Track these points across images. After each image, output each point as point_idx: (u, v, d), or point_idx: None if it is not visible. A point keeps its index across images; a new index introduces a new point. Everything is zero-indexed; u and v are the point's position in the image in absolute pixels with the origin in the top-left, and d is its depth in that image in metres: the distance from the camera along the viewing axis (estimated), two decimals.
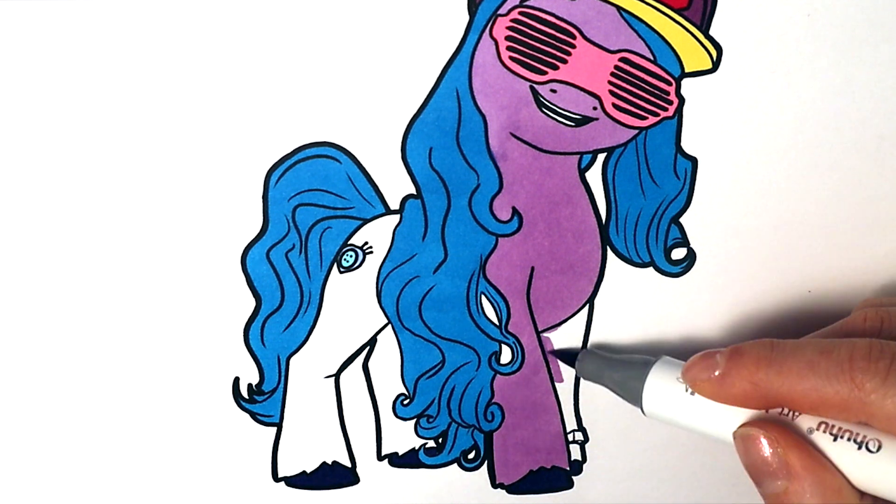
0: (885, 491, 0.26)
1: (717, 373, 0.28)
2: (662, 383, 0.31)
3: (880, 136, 0.34)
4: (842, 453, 0.27)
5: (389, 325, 0.34)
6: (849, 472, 0.26)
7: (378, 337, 0.34)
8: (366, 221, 0.33)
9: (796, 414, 0.28)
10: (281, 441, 0.34)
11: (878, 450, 0.26)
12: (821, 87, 0.33)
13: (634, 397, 0.31)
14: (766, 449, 0.27)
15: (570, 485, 0.36)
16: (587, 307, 0.35)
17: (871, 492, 0.26)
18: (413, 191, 0.32)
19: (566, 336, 0.35)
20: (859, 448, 0.26)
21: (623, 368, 0.32)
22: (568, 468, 0.36)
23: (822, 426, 0.27)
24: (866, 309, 0.30)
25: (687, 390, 0.30)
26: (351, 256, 0.33)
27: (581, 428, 0.36)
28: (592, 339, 0.35)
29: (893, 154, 0.34)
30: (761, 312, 0.35)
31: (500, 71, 0.32)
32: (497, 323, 0.34)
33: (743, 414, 0.29)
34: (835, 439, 0.27)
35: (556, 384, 0.35)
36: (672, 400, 0.30)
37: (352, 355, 0.34)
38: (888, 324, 0.29)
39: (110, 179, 0.31)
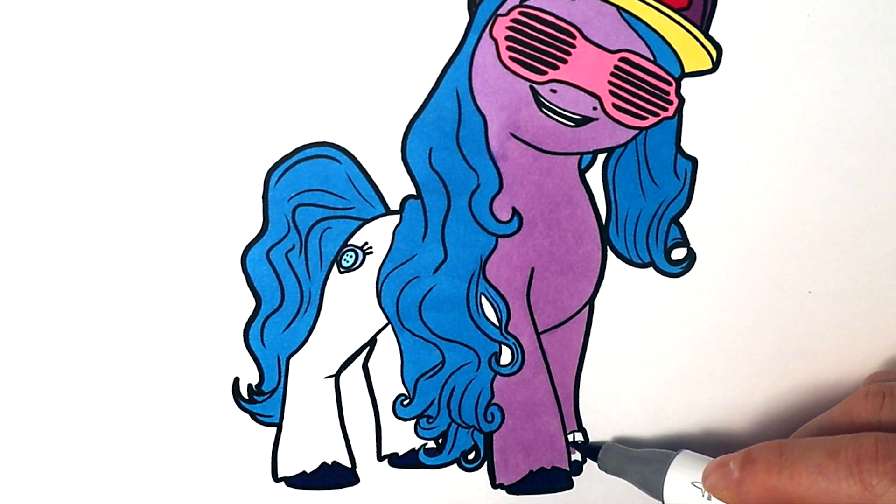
0: None
1: (733, 479, 0.29)
2: (681, 483, 0.32)
3: (880, 136, 0.34)
4: None
5: (389, 326, 0.34)
6: None
7: (378, 337, 0.34)
8: (366, 222, 0.33)
9: None
10: (281, 441, 0.34)
11: None
12: (821, 87, 0.33)
13: (656, 494, 0.32)
14: None
15: (570, 485, 0.36)
16: (587, 307, 0.35)
17: None
18: (413, 191, 0.32)
19: (566, 336, 0.35)
20: None
21: (643, 464, 0.33)
22: (568, 468, 0.36)
23: None
24: (870, 385, 0.30)
25: (704, 496, 0.31)
26: (351, 257, 0.33)
27: (581, 428, 0.36)
28: (592, 339, 0.35)
29: (893, 154, 0.34)
30: (761, 313, 0.35)
31: (500, 71, 0.32)
32: (497, 323, 0.34)
33: None
34: None
35: (557, 386, 0.35)
36: (690, 498, 0.31)
37: (352, 355, 0.34)
38: (890, 399, 0.29)
39: (110, 179, 0.31)
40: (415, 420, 0.35)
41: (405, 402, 0.35)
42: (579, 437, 0.36)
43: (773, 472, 0.28)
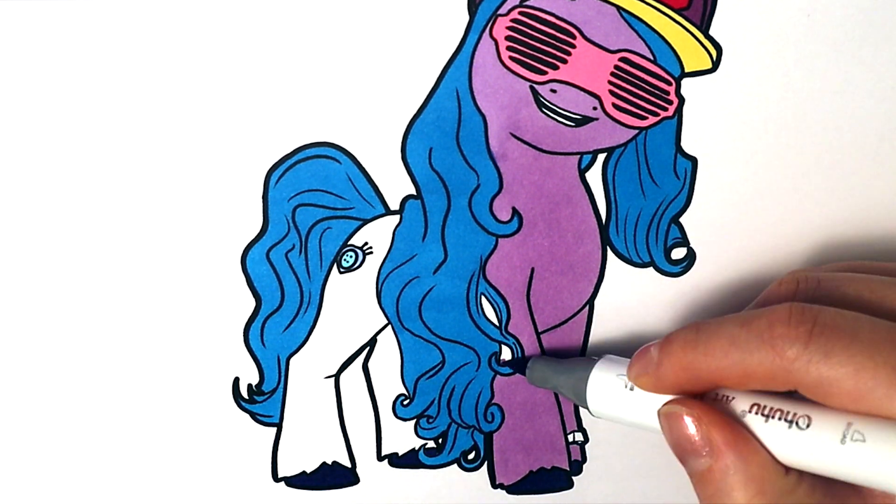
0: (812, 465, 0.25)
1: (653, 366, 0.28)
2: (604, 382, 0.31)
3: (880, 136, 0.34)
4: (773, 433, 0.26)
5: (389, 326, 0.34)
6: (780, 450, 0.26)
7: (378, 337, 0.34)
8: (366, 222, 0.33)
9: (730, 398, 0.27)
10: (281, 441, 0.34)
11: (808, 426, 0.25)
12: (821, 87, 0.33)
13: (582, 399, 0.32)
14: (689, 426, 0.27)
15: (570, 485, 0.36)
16: (587, 307, 0.35)
17: (799, 467, 0.26)
18: (413, 191, 0.32)
19: (566, 336, 0.35)
20: (790, 426, 0.26)
21: (569, 372, 0.32)
22: (568, 468, 0.36)
23: (755, 408, 0.27)
24: (783, 276, 0.29)
25: (626, 386, 0.30)
26: (351, 257, 0.33)
27: (581, 428, 0.36)
28: (592, 339, 0.35)
29: (893, 154, 0.34)
30: None
31: (500, 71, 0.32)
32: (497, 323, 0.34)
33: None
34: (766, 420, 0.26)
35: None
36: (614, 397, 0.30)
37: (352, 356, 0.34)
38: (804, 285, 0.28)
39: (110, 180, 0.31)
40: (415, 420, 0.35)
41: (405, 402, 0.35)
42: (579, 437, 0.36)
43: (689, 349, 0.27)
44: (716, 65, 0.32)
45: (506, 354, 0.34)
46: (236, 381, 0.33)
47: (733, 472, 0.26)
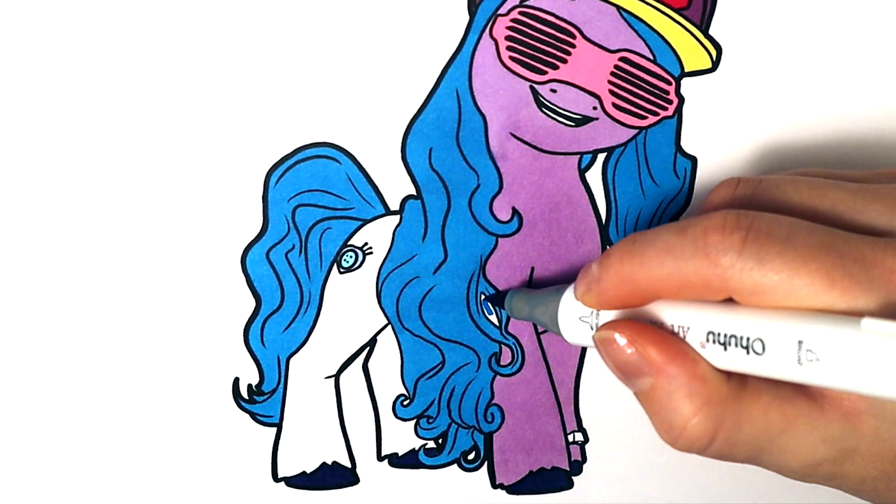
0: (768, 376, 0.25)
1: (594, 279, 0.27)
2: (574, 307, 0.29)
3: (880, 136, 0.34)
4: (732, 360, 0.25)
5: (389, 326, 0.34)
6: (728, 365, 0.25)
7: (378, 337, 0.34)
8: (366, 222, 0.33)
9: (686, 328, 0.26)
10: (281, 441, 0.34)
11: (764, 351, 0.24)
12: (821, 87, 0.33)
13: (556, 326, 0.30)
14: (624, 349, 0.26)
15: (570, 485, 0.36)
16: None
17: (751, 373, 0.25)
18: (413, 191, 0.32)
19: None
20: (747, 353, 0.24)
21: (545, 301, 0.31)
22: (568, 468, 0.36)
23: (710, 336, 0.25)
24: (724, 180, 0.28)
25: (592, 311, 0.29)
26: (351, 257, 0.33)
27: (581, 428, 0.36)
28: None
29: (893, 154, 0.34)
30: None
31: (500, 71, 0.32)
32: (497, 324, 0.34)
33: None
34: (725, 349, 0.25)
35: (556, 385, 0.35)
36: (582, 322, 0.29)
37: (352, 356, 0.34)
38: (742, 186, 0.28)
39: (110, 180, 0.31)
40: (415, 420, 0.35)
41: (405, 403, 0.35)
42: (579, 437, 0.36)
43: (626, 259, 0.26)
44: (716, 65, 0.32)
45: (506, 355, 0.34)
46: (236, 381, 0.33)
47: (676, 387, 0.25)
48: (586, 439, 0.36)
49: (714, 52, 0.32)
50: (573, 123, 0.32)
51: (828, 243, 0.23)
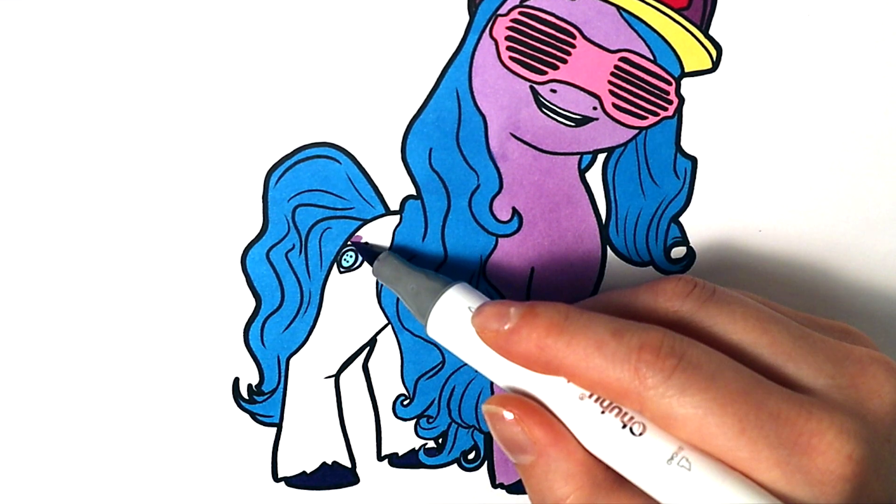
0: (636, 475, 0.26)
1: (506, 327, 0.27)
2: (454, 310, 0.29)
3: (880, 136, 0.34)
4: (605, 428, 0.26)
5: (389, 326, 0.34)
6: (606, 448, 0.26)
7: (378, 337, 0.34)
8: (366, 222, 0.33)
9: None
10: (281, 441, 0.34)
11: (642, 434, 0.25)
12: (821, 87, 0.33)
13: (422, 313, 0.30)
14: (511, 425, 0.27)
15: None
16: None
17: (622, 472, 0.26)
18: (413, 191, 0.32)
19: None
20: (623, 427, 0.26)
21: (420, 280, 0.30)
22: None
23: (596, 396, 0.26)
24: (682, 277, 0.29)
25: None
26: (351, 257, 0.33)
27: None
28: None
29: (893, 154, 0.34)
30: None
31: (500, 71, 0.32)
32: None
33: (520, 372, 0.28)
34: (602, 412, 0.26)
35: None
36: (457, 330, 0.29)
37: (352, 355, 0.34)
38: (700, 290, 0.28)
39: (110, 179, 0.31)
40: (415, 420, 0.35)
41: (405, 402, 0.35)
42: None
43: (553, 332, 0.26)
44: (716, 65, 0.32)
45: None
46: (236, 381, 0.33)
47: (554, 469, 0.26)
48: None
49: (714, 52, 0.32)
50: (573, 123, 0.32)
51: (749, 391, 0.24)
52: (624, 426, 0.26)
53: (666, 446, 0.25)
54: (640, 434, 0.25)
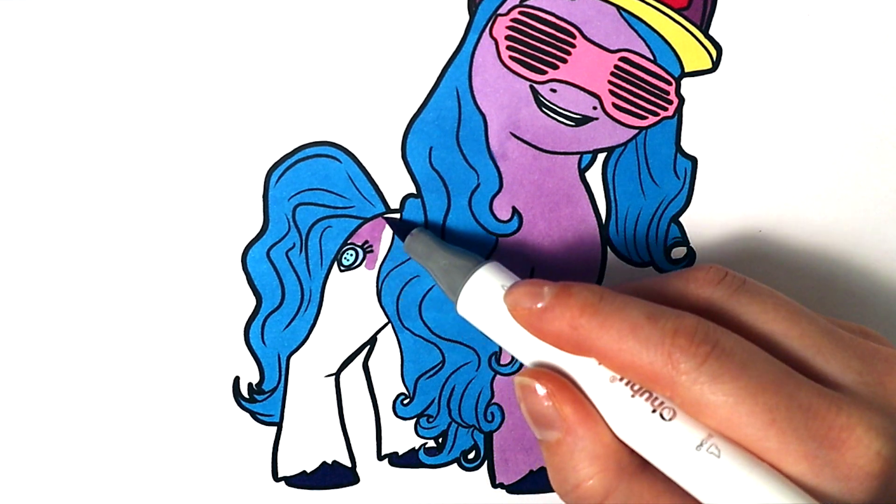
0: (663, 461, 0.25)
1: (539, 305, 0.27)
2: (485, 288, 0.29)
3: (880, 136, 0.34)
4: (635, 411, 0.26)
5: (389, 325, 0.34)
6: (635, 432, 0.26)
7: (378, 336, 0.34)
8: (366, 220, 0.33)
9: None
10: (281, 441, 0.34)
11: (671, 419, 0.25)
12: (821, 87, 0.33)
13: (453, 290, 0.29)
14: (543, 400, 0.27)
15: None
16: None
17: (648, 457, 0.26)
18: (413, 190, 0.32)
19: None
20: (653, 412, 0.25)
21: (452, 257, 0.30)
22: None
23: (627, 380, 0.26)
24: (713, 266, 0.29)
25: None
26: (351, 255, 0.33)
27: None
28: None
29: (893, 154, 0.34)
30: None
31: (500, 70, 0.32)
32: None
33: (550, 351, 0.27)
34: (632, 395, 0.26)
35: None
36: (488, 309, 0.29)
37: (352, 354, 0.34)
38: (729, 280, 0.28)
39: (111, 179, 0.31)
40: (415, 419, 0.35)
41: (405, 402, 0.35)
42: None
43: (587, 313, 0.26)
44: (716, 65, 0.33)
45: (506, 354, 0.34)
46: (237, 380, 0.33)
47: (581, 448, 0.26)
48: None
49: (714, 52, 0.32)
50: (573, 123, 0.33)
51: (780, 382, 0.24)
52: (654, 411, 0.25)
53: (695, 433, 0.25)
54: (670, 419, 0.25)
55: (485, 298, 0.29)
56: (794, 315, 0.27)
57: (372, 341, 0.34)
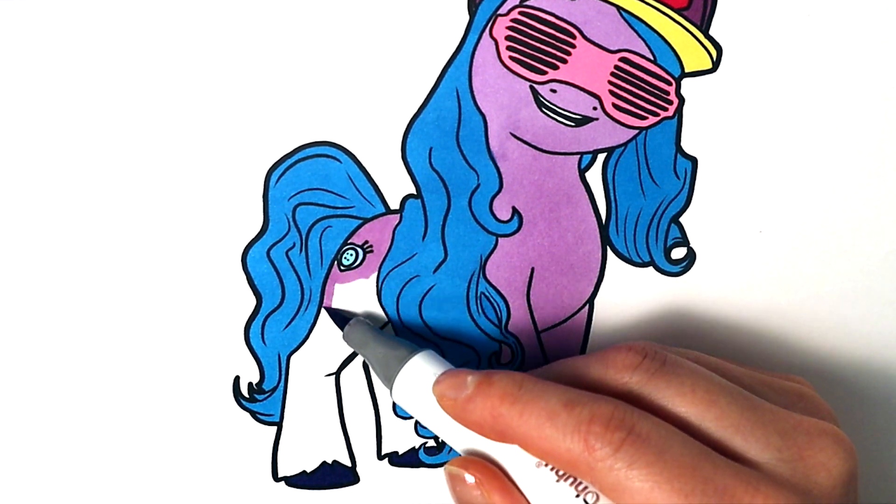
0: None
1: (463, 395, 0.28)
2: (417, 377, 0.30)
3: (880, 136, 0.34)
4: (560, 496, 0.27)
5: (390, 325, 0.34)
6: None
7: None
8: (366, 221, 0.33)
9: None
10: (281, 440, 0.34)
11: (596, 502, 0.26)
12: (821, 87, 0.33)
13: (388, 379, 0.31)
14: (471, 489, 0.28)
15: None
16: (587, 307, 0.35)
17: None
18: (413, 190, 0.32)
19: (566, 336, 0.35)
20: (577, 496, 0.26)
21: (387, 347, 0.31)
22: None
23: (552, 465, 0.27)
24: (639, 342, 0.29)
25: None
26: (351, 255, 0.33)
27: None
28: (592, 338, 0.35)
29: (893, 154, 0.34)
30: (761, 313, 0.35)
31: (500, 71, 0.32)
32: (497, 323, 0.34)
33: (479, 439, 0.28)
34: (557, 479, 0.27)
35: None
36: (419, 398, 0.30)
37: (352, 354, 0.34)
38: (649, 360, 0.28)
39: (111, 179, 0.31)
40: (415, 419, 0.35)
41: None
42: None
43: (507, 402, 0.27)
44: (716, 65, 0.33)
45: (506, 354, 0.34)
46: (237, 379, 0.33)
47: None
48: None
49: (714, 53, 0.32)
50: (573, 123, 0.33)
51: (696, 465, 0.25)
52: (577, 496, 0.26)
53: None
54: (594, 502, 0.26)
55: (416, 388, 0.30)
56: (713, 395, 0.27)
57: None
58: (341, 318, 0.33)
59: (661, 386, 0.28)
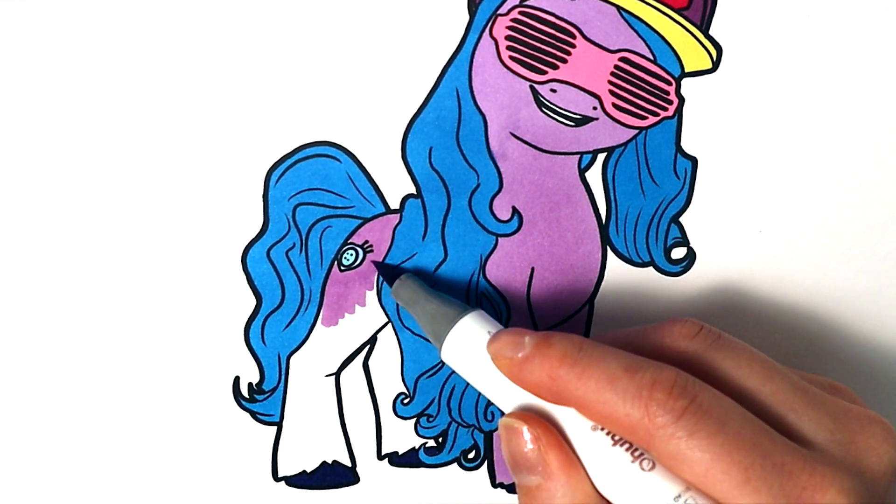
0: None
1: (520, 355, 0.27)
2: (469, 336, 0.29)
3: (880, 136, 0.34)
4: (615, 461, 0.26)
5: (389, 325, 0.34)
6: (611, 480, 0.26)
7: (378, 336, 0.34)
8: (366, 220, 0.33)
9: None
10: (281, 440, 0.34)
11: (651, 469, 0.26)
12: (821, 87, 0.33)
13: (438, 337, 0.30)
14: (526, 444, 0.27)
15: None
16: (587, 307, 0.35)
17: None
18: (413, 190, 0.32)
19: None
20: (633, 461, 0.26)
21: (438, 304, 0.30)
22: None
23: (608, 432, 0.27)
24: (689, 319, 0.29)
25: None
26: (351, 255, 0.33)
27: None
28: (592, 338, 0.35)
29: (893, 154, 0.34)
30: (761, 313, 0.35)
31: (500, 71, 0.32)
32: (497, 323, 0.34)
33: (533, 400, 0.28)
34: (613, 445, 0.26)
35: None
36: (471, 357, 0.29)
37: (352, 354, 0.34)
38: (704, 334, 0.28)
39: (111, 179, 0.31)
40: (415, 419, 0.35)
41: (405, 401, 0.35)
42: None
43: (566, 364, 0.26)
44: (716, 65, 0.33)
45: None
46: (237, 379, 0.33)
47: (561, 495, 0.27)
48: None
49: (714, 53, 0.32)
50: (573, 123, 0.33)
51: (756, 440, 0.25)
52: (633, 461, 0.26)
53: (672, 486, 0.25)
54: (649, 470, 0.26)
55: (468, 346, 0.29)
56: (768, 371, 0.27)
57: (372, 341, 0.34)
58: (391, 274, 0.32)
59: (718, 358, 0.28)
